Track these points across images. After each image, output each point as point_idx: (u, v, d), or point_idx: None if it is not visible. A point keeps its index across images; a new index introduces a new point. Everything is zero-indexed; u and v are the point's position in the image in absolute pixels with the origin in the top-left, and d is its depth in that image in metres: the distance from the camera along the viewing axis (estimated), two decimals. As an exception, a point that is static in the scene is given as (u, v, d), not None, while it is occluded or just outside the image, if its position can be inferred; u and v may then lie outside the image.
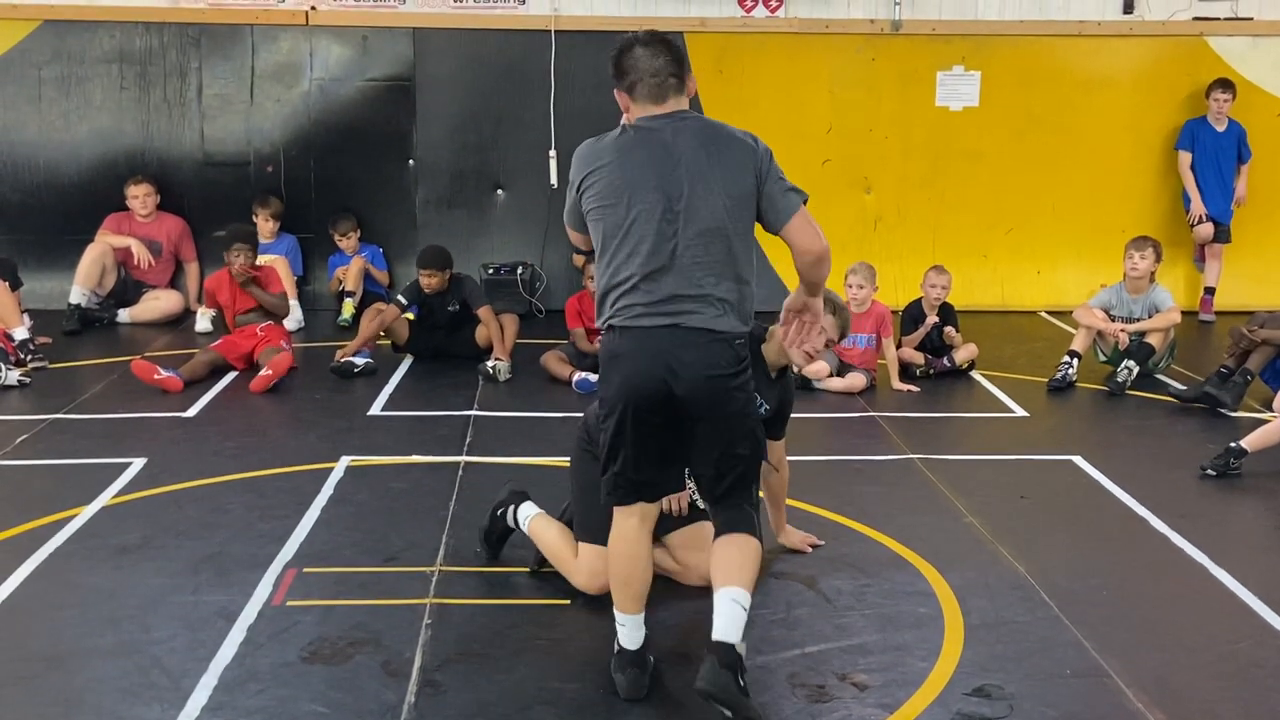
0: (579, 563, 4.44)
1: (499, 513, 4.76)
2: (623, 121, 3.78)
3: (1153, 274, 7.91)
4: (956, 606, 4.47)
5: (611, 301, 3.69)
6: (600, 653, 4.12)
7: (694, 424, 3.69)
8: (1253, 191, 9.91)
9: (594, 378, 7.45)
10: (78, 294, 9.03)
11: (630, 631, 3.86)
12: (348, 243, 9.53)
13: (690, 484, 4.38)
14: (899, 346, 7.88)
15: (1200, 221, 9.75)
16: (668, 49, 3.73)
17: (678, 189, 3.62)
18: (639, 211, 3.62)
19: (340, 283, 9.44)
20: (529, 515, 4.68)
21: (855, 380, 7.53)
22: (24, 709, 3.72)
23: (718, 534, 3.79)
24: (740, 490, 3.76)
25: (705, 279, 3.62)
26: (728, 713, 3.52)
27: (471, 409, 6.99)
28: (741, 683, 3.53)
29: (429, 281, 7.94)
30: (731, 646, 3.56)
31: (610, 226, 3.67)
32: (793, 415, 4.73)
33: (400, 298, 8.14)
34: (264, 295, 7.92)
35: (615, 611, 3.89)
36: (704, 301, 3.62)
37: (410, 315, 8.20)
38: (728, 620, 3.59)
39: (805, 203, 3.78)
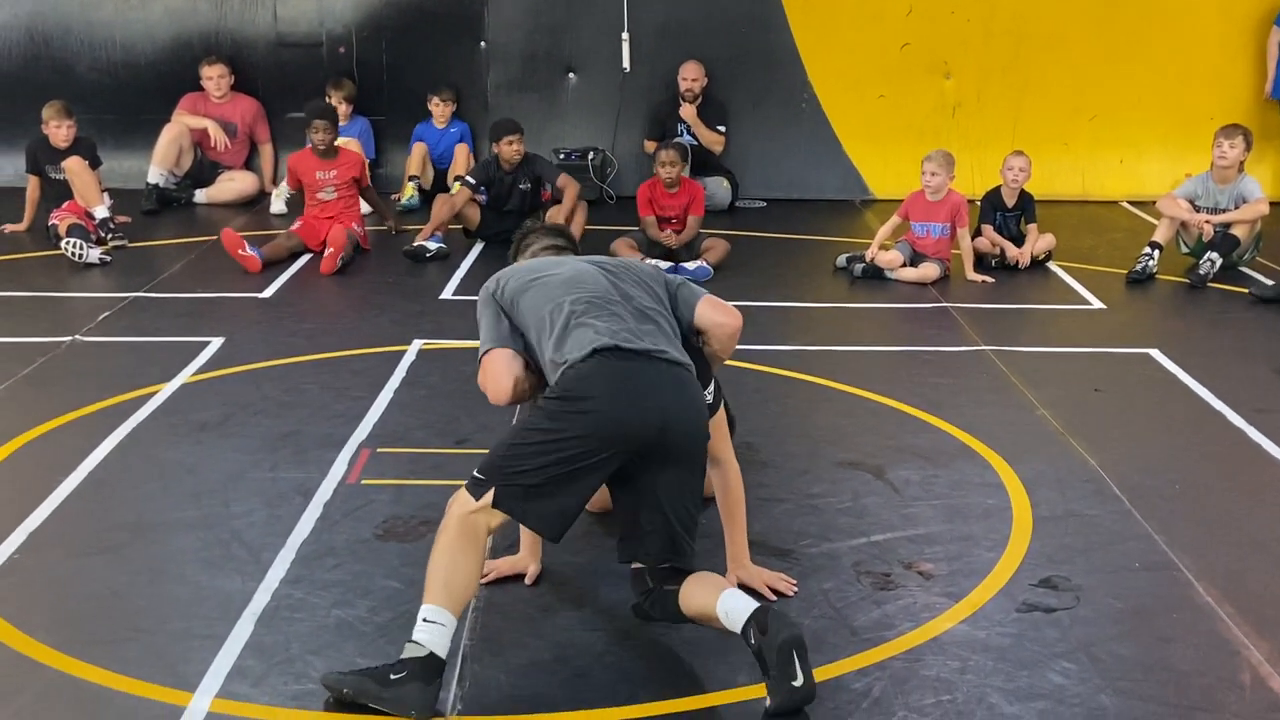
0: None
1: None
2: None
3: (1241, 163, 7.66)
4: (1025, 498, 4.45)
5: None
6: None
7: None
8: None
9: (665, 265, 7.44)
10: (155, 174, 9.13)
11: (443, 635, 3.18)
12: (441, 110, 9.42)
13: None
14: (977, 234, 7.75)
15: (1270, 101, 9.39)
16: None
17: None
18: None
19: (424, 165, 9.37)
20: None
21: (928, 270, 7.43)
22: (112, 576, 3.86)
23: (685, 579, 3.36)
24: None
25: None
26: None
27: (542, 294, 7.01)
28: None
29: (512, 148, 7.92)
30: (764, 608, 3.15)
31: None
32: (866, 305, 4.67)
33: (469, 178, 8.13)
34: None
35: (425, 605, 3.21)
36: None
37: (479, 199, 8.19)
38: (746, 600, 3.21)
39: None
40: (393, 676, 3.14)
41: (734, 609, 3.18)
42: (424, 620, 3.18)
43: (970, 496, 4.48)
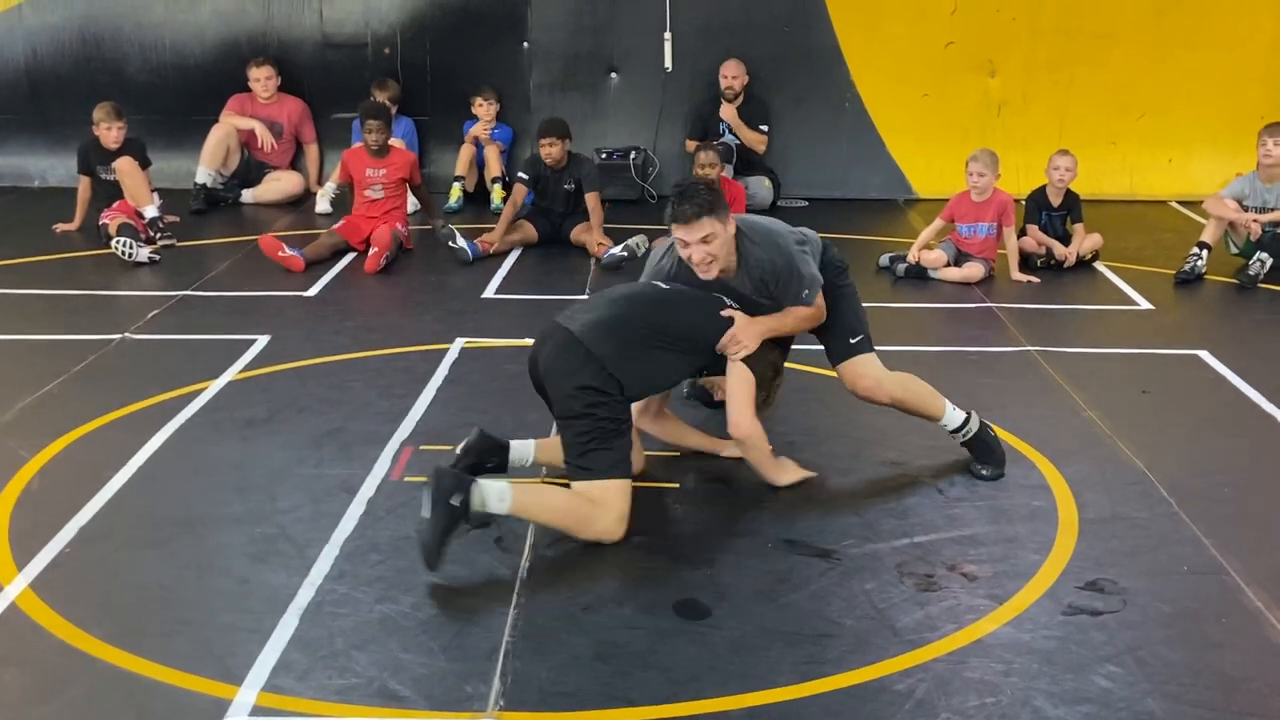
0: (606, 508, 4.05)
1: (454, 503, 3.81)
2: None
3: (1290, 162, 7.56)
4: (1072, 500, 4.41)
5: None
6: (709, 536, 4.18)
7: None
8: None
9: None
10: (203, 174, 9.23)
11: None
12: (485, 110, 9.43)
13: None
14: (1022, 234, 7.69)
15: None
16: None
17: None
18: None
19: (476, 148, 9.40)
20: (503, 494, 3.93)
21: (973, 270, 7.38)
22: (160, 569, 3.91)
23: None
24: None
25: None
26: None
27: (584, 292, 7.03)
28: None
29: (549, 151, 7.94)
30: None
31: None
32: (909, 305, 4.67)
33: (521, 174, 8.16)
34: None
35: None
36: None
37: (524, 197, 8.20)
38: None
39: None
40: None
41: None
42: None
43: (1015, 498, 4.45)
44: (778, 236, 4.45)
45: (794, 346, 4.71)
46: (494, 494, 3.88)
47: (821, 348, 4.71)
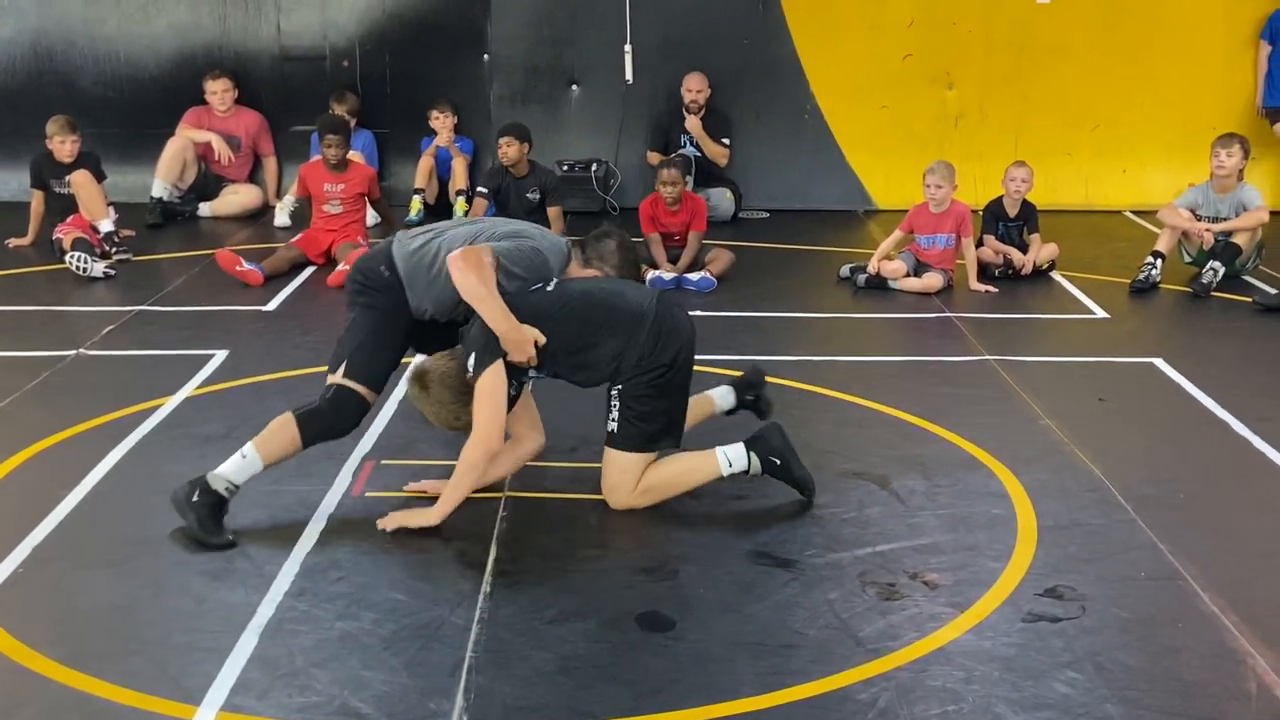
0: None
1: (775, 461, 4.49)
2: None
3: (1240, 172, 7.66)
4: (1030, 508, 4.45)
5: None
6: (673, 548, 4.18)
7: None
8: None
9: (669, 275, 7.44)
10: (159, 187, 9.16)
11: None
12: (442, 122, 9.38)
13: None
14: (980, 245, 7.75)
15: (1262, 115, 9.43)
16: None
17: None
18: None
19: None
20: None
21: (932, 280, 7.43)
22: (115, 589, 3.86)
23: None
24: None
25: None
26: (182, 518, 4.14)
27: (545, 305, 7.01)
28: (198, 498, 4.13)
29: (506, 151, 7.94)
30: (200, 479, 4.16)
31: None
32: (869, 315, 4.69)
33: (481, 189, 8.15)
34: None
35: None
36: None
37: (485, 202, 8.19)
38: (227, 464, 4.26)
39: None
40: None
41: None
42: None
43: (975, 506, 4.48)
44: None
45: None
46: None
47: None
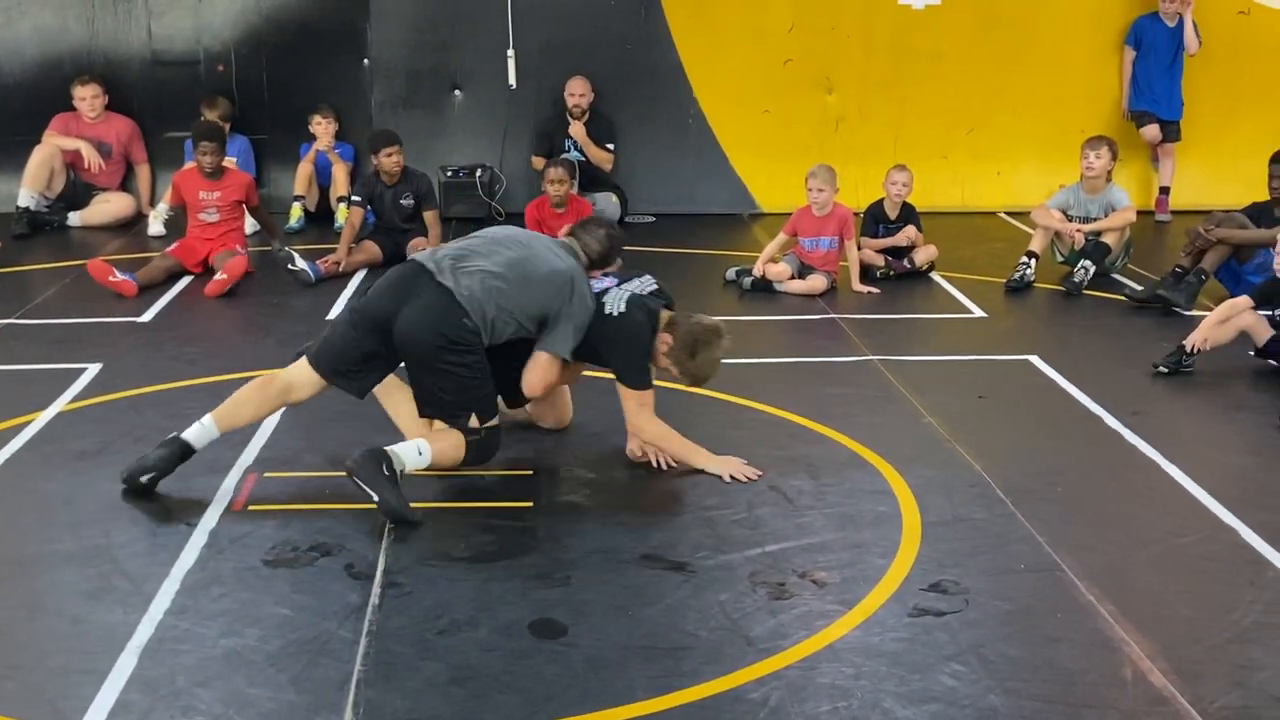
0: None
1: (386, 474, 4.38)
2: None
3: (1109, 173, 7.92)
4: (915, 505, 4.53)
5: None
6: (564, 553, 4.16)
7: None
8: (1208, 91, 9.86)
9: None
10: (26, 197, 8.86)
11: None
12: (323, 128, 9.25)
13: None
14: (861, 248, 7.88)
15: (1128, 119, 9.77)
16: None
17: None
18: None
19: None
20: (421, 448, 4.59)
21: (816, 282, 7.54)
22: (-14, 614, 3.72)
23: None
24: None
25: None
26: (368, 490, 4.28)
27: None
28: (387, 472, 4.30)
29: (387, 161, 7.89)
30: (382, 450, 4.34)
31: None
32: (755, 317, 4.75)
33: (354, 197, 8.08)
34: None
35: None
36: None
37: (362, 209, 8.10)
38: (403, 447, 4.45)
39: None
40: None
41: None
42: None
43: (861, 504, 4.55)
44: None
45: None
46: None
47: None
